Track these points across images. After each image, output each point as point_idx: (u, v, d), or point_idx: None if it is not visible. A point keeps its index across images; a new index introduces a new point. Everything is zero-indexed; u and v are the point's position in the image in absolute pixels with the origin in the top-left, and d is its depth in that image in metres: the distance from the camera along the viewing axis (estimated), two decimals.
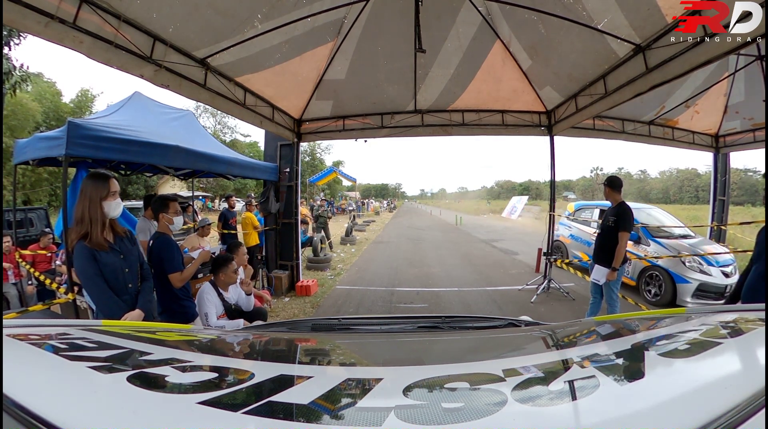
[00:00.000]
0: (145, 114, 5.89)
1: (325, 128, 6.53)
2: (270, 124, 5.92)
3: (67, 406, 0.56)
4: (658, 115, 8.31)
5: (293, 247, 6.80)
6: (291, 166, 6.70)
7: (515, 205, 32.20)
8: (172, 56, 4.08)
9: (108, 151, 4.02)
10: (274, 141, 7.00)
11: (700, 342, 0.95)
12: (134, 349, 0.95)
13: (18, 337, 0.88)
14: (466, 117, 6.28)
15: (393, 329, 1.47)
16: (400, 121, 6.23)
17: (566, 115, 6.32)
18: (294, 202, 6.69)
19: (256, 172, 6.36)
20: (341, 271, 8.43)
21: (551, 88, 6.02)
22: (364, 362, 1.11)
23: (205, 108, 33.18)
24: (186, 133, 6.09)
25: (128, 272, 2.42)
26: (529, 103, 6.48)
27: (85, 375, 0.68)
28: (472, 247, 12.69)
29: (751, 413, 0.48)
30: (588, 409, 0.60)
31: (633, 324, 1.30)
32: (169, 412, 0.57)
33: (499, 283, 7.29)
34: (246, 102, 5.32)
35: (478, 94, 5.90)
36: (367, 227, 19.56)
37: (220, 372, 0.84)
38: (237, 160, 5.88)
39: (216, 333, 1.48)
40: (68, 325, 1.12)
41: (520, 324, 1.44)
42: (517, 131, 6.55)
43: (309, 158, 42.97)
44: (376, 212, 37.29)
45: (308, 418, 0.58)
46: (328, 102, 6.16)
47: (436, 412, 0.58)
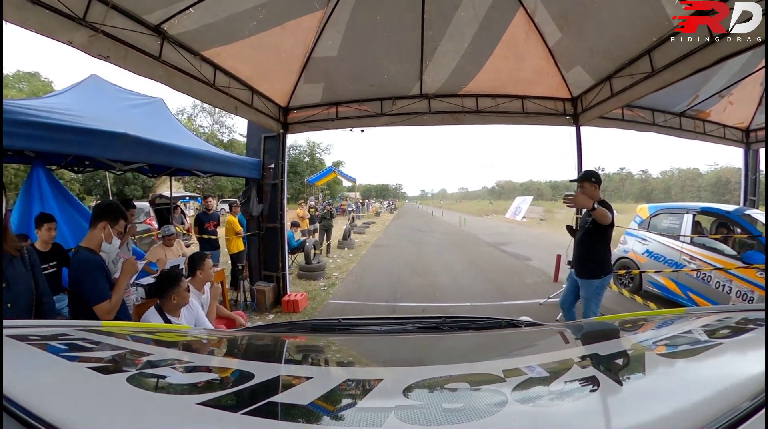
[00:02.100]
0: (97, 98, 4.99)
1: (316, 117, 5.58)
2: (248, 111, 4.99)
3: (67, 406, 0.55)
4: (690, 106, 7.45)
5: (279, 256, 5.85)
6: (276, 162, 5.77)
7: (519, 206, 31.41)
8: (116, 20, 3.18)
9: (25, 140, 3.08)
10: (257, 133, 6.07)
11: (700, 342, 0.98)
12: (134, 349, 0.96)
13: (18, 337, 0.86)
14: (481, 103, 5.33)
15: (393, 330, 1.40)
16: (402, 107, 5.28)
17: (596, 102, 5.40)
18: (279, 202, 5.74)
19: (233, 168, 5.41)
20: (336, 281, 7.50)
21: (582, 68, 5.09)
22: (364, 363, 1.11)
23: (203, 107, 32.45)
24: (148, 121, 5.18)
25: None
26: (554, 87, 5.55)
27: (85, 375, 0.69)
28: (480, 252, 11.74)
29: (751, 413, 0.48)
30: (588, 409, 0.61)
31: (633, 324, 1.30)
32: (169, 413, 0.57)
33: (516, 295, 6.35)
34: (216, 82, 4.40)
35: (496, 74, 4.96)
36: (366, 229, 18.59)
37: (220, 372, 0.84)
38: (207, 153, 4.92)
39: (216, 333, 1.49)
40: (68, 326, 1.12)
41: (520, 324, 1.39)
42: (540, 120, 5.62)
43: (309, 158, 42.33)
44: (376, 213, 36.42)
45: (308, 419, 0.58)
46: (317, 85, 5.22)
47: (436, 412, 0.58)
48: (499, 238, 15.41)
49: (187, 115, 32.48)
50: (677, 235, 5.95)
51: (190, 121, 32.23)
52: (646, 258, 6.39)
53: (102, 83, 5.51)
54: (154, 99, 6.28)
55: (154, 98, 6.31)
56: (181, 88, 4.03)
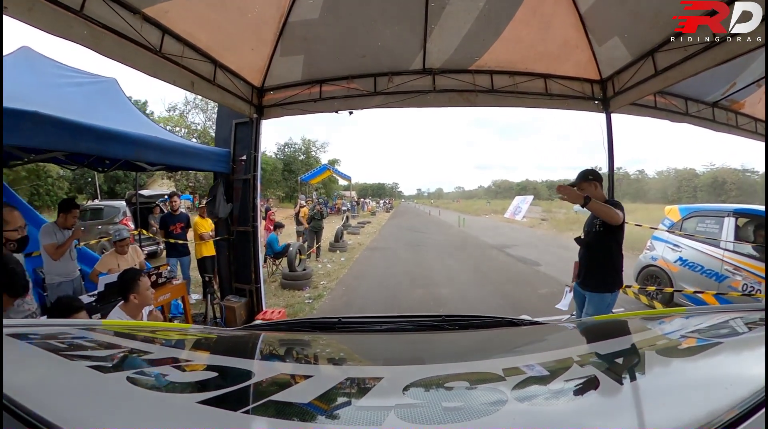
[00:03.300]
0: (22, 74, 3.98)
1: (296, 98, 4.60)
2: (210, 89, 4.02)
3: (67, 406, 0.55)
4: (725, 95, 6.58)
5: (252, 266, 4.88)
6: (249, 153, 4.79)
7: (519, 205, 30.51)
8: None
9: None
10: (229, 119, 5.10)
11: (700, 341, 0.97)
12: (134, 348, 0.96)
13: (18, 336, 0.86)
14: (497, 82, 4.37)
15: (393, 328, 1.34)
16: (400, 85, 4.30)
17: (633, 84, 4.48)
18: (251, 201, 4.76)
19: (192, 159, 4.37)
20: (323, 292, 6.53)
21: (619, 39, 4.16)
22: (363, 361, 1.11)
23: (195, 103, 31.23)
24: (86, 102, 4.18)
25: None
26: (582, 65, 4.62)
27: (85, 374, 0.69)
28: (484, 256, 10.80)
29: (751, 413, 0.48)
30: (588, 408, 0.61)
31: (633, 323, 1.29)
32: (169, 411, 0.57)
33: (534, 311, 5.41)
34: (163, 48, 3.43)
35: (516, 44, 4.01)
36: (361, 229, 17.59)
37: (220, 371, 0.82)
38: (154, 140, 3.90)
39: (216, 332, 1.50)
40: (68, 325, 1.15)
41: (520, 323, 1.35)
42: (565, 104, 4.68)
43: (304, 156, 41.33)
44: (372, 213, 35.45)
45: (308, 418, 0.57)
46: (296, 58, 4.25)
47: (436, 411, 0.58)
48: (502, 240, 14.47)
49: (179, 112, 31.31)
50: (719, 240, 5.10)
51: (182, 118, 31.08)
52: (679, 267, 5.56)
53: (34, 57, 4.50)
54: (104, 78, 5.27)
55: (104, 78, 5.30)
56: (114, 53, 3.07)
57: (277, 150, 41.49)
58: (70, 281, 3.78)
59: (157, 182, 27.64)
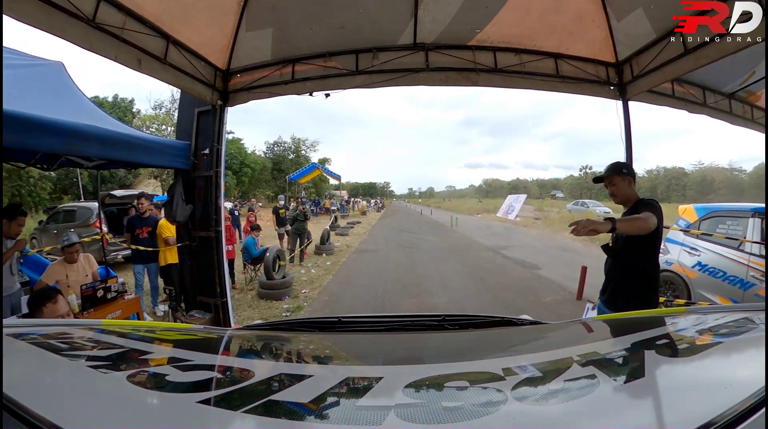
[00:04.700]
0: None
1: (265, 81, 3.91)
2: (161, 69, 3.32)
3: (67, 406, 0.55)
4: (744, 84, 6.08)
5: (216, 277, 4.18)
6: (211, 145, 4.09)
7: (512, 204, 30.07)
8: None
9: None
10: (191, 107, 4.40)
11: (700, 341, 0.96)
12: (134, 348, 0.94)
13: (18, 336, 0.85)
14: (501, 60, 3.73)
15: (393, 328, 1.33)
16: (387, 62, 3.64)
17: (654, 66, 3.90)
18: (214, 202, 4.06)
19: (141, 153, 3.61)
20: (304, 302, 5.85)
21: (643, 11, 3.57)
22: (364, 361, 1.09)
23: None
24: (15, 87, 3.45)
25: None
26: (596, 44, 4.02)
27: (85, 374, 0.68)
28: (480, 258, 10.20)
29: (751, 413, 0.47)
30: (587, 408, 0.59)
31: (633, 323, 1.28)
32: (170, 411, 0.57)
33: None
34: (98, 17, 2.73)
35: (524, 13, 3.38)
36: (350, 230, 16.88)
37: (220, 371, 0.82)
38: (90, 130, 3.15)
39: (216, 332, 1.44)
40: (68, 325, 1.13)
41: (520, 323, 1.34)
42: (578, 88, 4.07)
43: (293, 156, 40.49)
44: (362, 212, 34.70)
45: (308, 417, 0.57)
46: (264, 32, 3.57)
47: (436, 411, 0.57)
48: (497, 241, 13.89)
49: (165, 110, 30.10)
50: (737, 241, 4.59)
51: (169, 116, 29.89)
52: (698, 272, 5.02)
53: None
54: (46, 62, 4.53)
55: (47, 61, 4.56)
56: (32, 19, 2.38)
57: (267, 149, 40.62)
58: (7, 297, 3.24)
59: (144, 182, 26.47)
